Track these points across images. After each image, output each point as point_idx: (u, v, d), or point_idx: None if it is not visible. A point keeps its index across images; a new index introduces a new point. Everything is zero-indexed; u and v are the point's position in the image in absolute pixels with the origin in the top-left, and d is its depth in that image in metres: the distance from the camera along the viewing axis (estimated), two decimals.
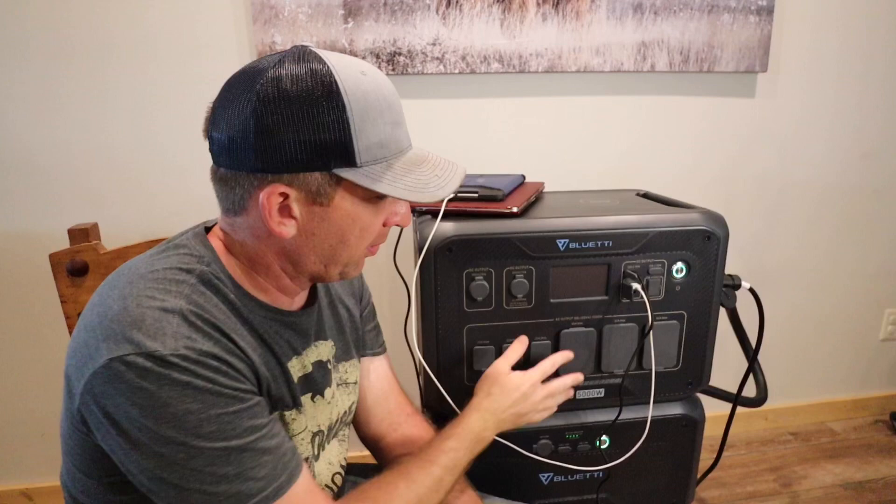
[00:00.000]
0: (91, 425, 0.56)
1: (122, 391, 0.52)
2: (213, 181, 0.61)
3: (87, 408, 0.55)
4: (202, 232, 0.65)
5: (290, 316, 0.68)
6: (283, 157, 0.56)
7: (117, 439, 0.54)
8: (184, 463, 0.54)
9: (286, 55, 0.57)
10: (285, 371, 0.66)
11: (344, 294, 0.83)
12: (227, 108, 0.57)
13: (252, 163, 0.56)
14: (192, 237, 0.64)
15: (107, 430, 0.54)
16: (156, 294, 0.55)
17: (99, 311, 0.56)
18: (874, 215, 1.67)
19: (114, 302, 0.55)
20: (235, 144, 0.56)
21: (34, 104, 1.24)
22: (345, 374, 0.79)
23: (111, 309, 0.55)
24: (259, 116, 0.55)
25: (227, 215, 0.63)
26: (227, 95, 0.58)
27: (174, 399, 0.52)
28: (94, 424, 0.56)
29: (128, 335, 0.53)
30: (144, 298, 0.55)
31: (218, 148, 0.59)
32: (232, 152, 0.57)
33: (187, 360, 0.53)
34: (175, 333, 0.54)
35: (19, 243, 1.31)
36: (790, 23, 1.47)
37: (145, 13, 1.23)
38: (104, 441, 0.56)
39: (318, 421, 0.72)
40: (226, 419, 0.55)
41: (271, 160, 0.56)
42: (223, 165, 0.59)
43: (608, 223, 0.92)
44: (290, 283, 0.67)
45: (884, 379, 1.85)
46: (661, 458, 1.04)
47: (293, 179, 0.57)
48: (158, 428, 0.53)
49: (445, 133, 1.40)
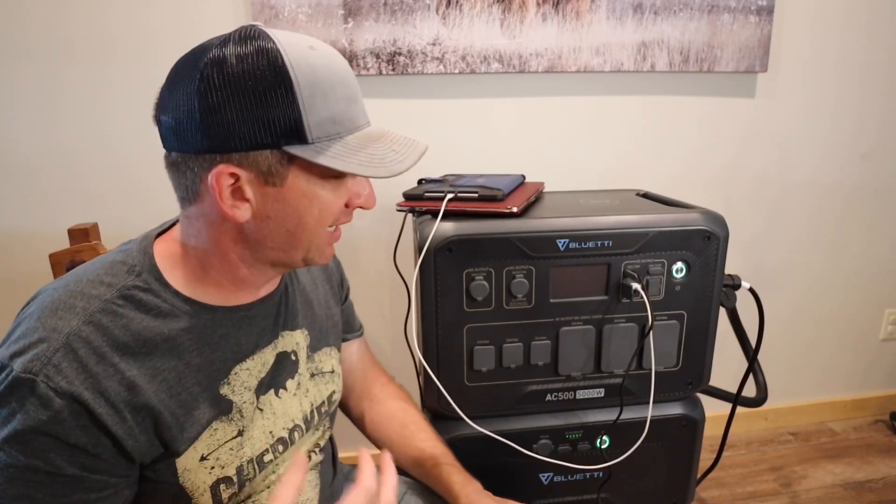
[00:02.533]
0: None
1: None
2: (166, 168, 0.59)
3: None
4: (151, 236, 0.64)
5: (241, 311, 0.65)
6: (230, 135, 0.54)
7: None
8: None
9: (232, 33, 0.56)
10: (225, 380, 0.63)
11: (320, 281, 0.81)
12: (173, 90, 0.56)
13: (199, 143, 0.54)
14: (137, 243, 0.63)
15: None
16: (59, 309, 0.55)
17: (29, 309, 0.57)
18: (874, 215, 1.67)
19: (37, 307, 0.56)
20: (182, 126, 0.55)
21: (34, 104, 1.24)
22: (320, 363, 0.77)
23: (31, 314, 0.56)
24: (203, 94, 0.53)
25: (182, 206, 0.61)
26: (173, 77, 0.57)
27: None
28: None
29: (15, 341, 0.54)
30: (49, 313, 0.55)
31: (165, 131, 0.57)
32: (179, 134, 0.55)
33: (32, 392, 0.51)
34: (44, 358, 0.52)
35: (19, 243, 1.31)
36: (790, 23, 1.47)
37: (145, 13, 1.23)
38: None
39: (290, 416, 0.70)
40: (13, 474, 0.52)
41: (217, 139, 0.54)
42: (172, 149, 0.57)
43: (608, 223, 0.92)
44: (249, 273, 0.63)
45: (884, 379, 1.85)
46: (661, 458, 1.04)
47: (243, 159, 0.55)
48: None
49: (445, 133, 1.40)
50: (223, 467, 0.62)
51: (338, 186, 0.61)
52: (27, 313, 0.57)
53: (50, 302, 0.56)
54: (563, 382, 0.99)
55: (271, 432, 0.68)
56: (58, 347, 0.53)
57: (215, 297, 0.63)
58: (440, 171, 1.36)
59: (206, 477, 0.61)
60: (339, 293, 0.86)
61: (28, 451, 0.52)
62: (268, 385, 0.68)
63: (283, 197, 0.57)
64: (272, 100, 0.53)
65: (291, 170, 0.56)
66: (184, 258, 0.62)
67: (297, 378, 0.72)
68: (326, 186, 0.59)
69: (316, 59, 0.56)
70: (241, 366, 0.65)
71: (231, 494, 0.64)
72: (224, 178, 0.55)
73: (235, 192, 0.56)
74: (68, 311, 0.55)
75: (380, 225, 1.41)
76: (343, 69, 0.59)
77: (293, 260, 0.63)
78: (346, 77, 0.59)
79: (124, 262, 0.60)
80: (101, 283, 0.58)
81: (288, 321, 0.72)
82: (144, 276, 0.59)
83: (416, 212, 0.98)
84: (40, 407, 0.51)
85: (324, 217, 0.61)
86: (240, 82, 0.53)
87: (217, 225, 0.59)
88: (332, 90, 0.56)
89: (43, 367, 0.52)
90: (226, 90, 0.53)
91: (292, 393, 0.71)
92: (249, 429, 0.65)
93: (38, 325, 0.54)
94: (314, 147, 0.56)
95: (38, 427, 0.51)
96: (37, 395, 0.51)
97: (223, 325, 0.63)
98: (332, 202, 0.61)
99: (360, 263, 1.43)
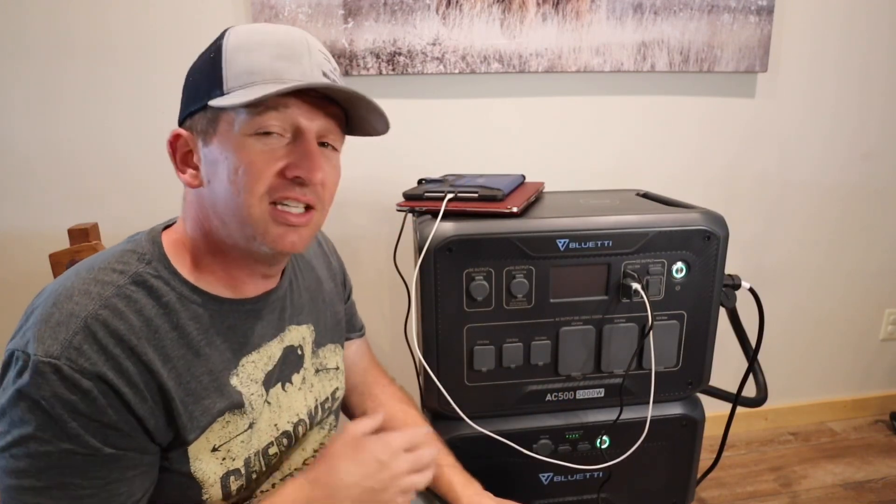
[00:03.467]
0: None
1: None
2: None
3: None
4: (158, 228, 0.65)
5: (247, 303, 0.66)
6: (185, 103, 0.61)
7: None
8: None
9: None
10: (234, 372, 0.64)
11: (324, 278, 0.82)
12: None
13: (179, 118, 0.63)
14: (146, 234, 0.64)
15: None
16: (74, 295, 0.55)
17: (40, 298, 0.58)
18: (874, 215, 1.67)
19: (49, 294, 0.57)
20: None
21: (34, 104, 1.24)
22: (324, 359, 0.77)
23: (45, 300, 0.56)
24: (186, 78, 0.62)
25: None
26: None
27: (12, 411, 0.52)
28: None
29: (30, 328, 0.54)
30: (64, 298, 0.55)
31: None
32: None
33: (58, 375, 0.51)
34: (64, 341, 0.52)
35: (19, 243, 1.31)
36: (790, 23, 1.47)
37: (145, 13, 1.23)
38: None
39: (295, 410, 0.71)
40: (49, 462, 0.52)
41: (182, 109, 0.62)
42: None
43: (608, 223, 0.92)
44: (234, 261, 0.63)
45: (884, 379, 1.85)
46: (661, 458, 1.04)
47: (190, 124, 0.61)
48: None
49: (445, 133, 1.40)
50: (234, 459, 0.63)
51: (265, 146, 0.58)
52: (39, 302, 0.57)
53: (64, 289, 0.56)
54: (563, 382, 0.99)
55: (276, 425, 0.68)
56: (77, 330, 0.53)
57: (219, 288, 0.64)
58: (440, 171, 1.36)
59: (218, 468, 0.62)
60: (342, 292, 0.86)
61: (63, 435, 0.52)
62: (276, 378, 0.69)
63: (215, 157, 0.59)
64: (206, 65, 0.59)
65: (219, 126, 0.59)
66: (185, 247, 0.64)
67: (303, 373, 0.73)
68: (251, 144, 0.57)
69: (261, 27, 0.60)
70: (247, 358, 0.65)
71: (239, 487, 0.64)
72: (175, 142, 0.61)
73: (186, 159, 0.62)
74: (84, 295, 0.55)
75: (380, 225, 1.41)
76: (288, 36, 0.59)
77: (235, 237, 0.61)
78: (286, 41, 0.58)
79: (134, 250, 0.61)
80: (114, 271, 0.58)
81: (294, 316, 0.73)
82: (154, 263, 0.60)
83: (416, 212, 0.98)
84: (69, 389, 0.52)
85: (251, 178, 0.57)
86: (197, 60, 0.61)
87: (190, 200, 0.64)
88: (259, 46, 0.58)
89: (64, 350, 0.52)
90: (191, 72, 0.62)
91: (297, 387, 0.72)
92: (258, 421, 0.66)
93: (55, 311, 0.54)
94: (227, 97, 0.57)
95: (72, 409, 0.52)
96: (63, 378, 0.52)
97: (230, 317, 0.64)
98: (257, 161, 0.57)
99: (361, 263, 1.43)
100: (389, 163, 1.38)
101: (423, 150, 1.40)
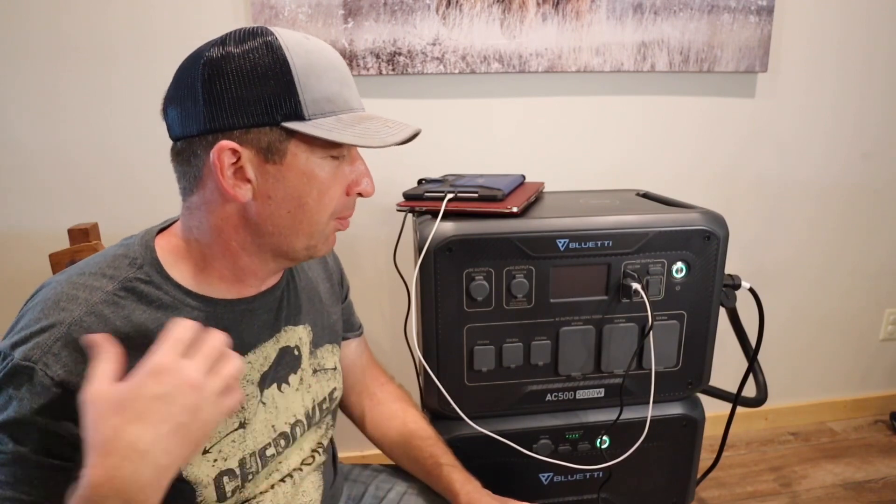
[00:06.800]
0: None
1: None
2: (172, 159, 0.62)
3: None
4: (152, 231, 0.65)
5: (242, 304, 0.65)
6: (232, 115, 0.56)
7: None
8: None
9: (233, 32, 0.59)
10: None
11: (320, 279, 0.81)
12: (179, 85, 0.59)
13: (203, 125, 0.57)
14: (139, 237, 0.64)
15: None
16: (61, 300, 0.56)
17: (33, 301, 0.58)
18: (874, 215, 1.67)
19: (40, 298, 0.57)
20: (187, 112, 0.58)
21: (34, 104, 1.24)
22: (322, 359, 0.77)
23: (35, 305, 0.57)
24: (206, 81, 0.56)
25: (185, 198, 0.62)
26: (178, 75, 0.60)
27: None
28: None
29: (18, 331, 0.54)
30: (52, 303, 0.55)
31: (171, 121, 0.60)
32: (184, 121, 0.58)
33: (29, 379, 0.52)
34: (44, 346, 0.53)
35: (19, 243, 1.31)
36: (790, 23, 1.47)
37: (145, 13, 1.23)
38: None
39: (292, 411, 0.71)
40: (2, 459, 0.52)
41: (220, 120, 0.56)
42: (178, 138, 0.60)
43: (608, 223, 0.92)
44: (250, 262, 0.63)
45: (884, 379, 1.85)
46: (661, 457, 1.04)
47: (244, 137, 0.57)
48: None
49: (445, 133, 1.40)
50: (226, 459, 0.63)
51: (335, 168, 0.62)
52: (30, 305, 0.58)
53: (53, 294, 0.57)
54: (563, 382, 0.99)
55: (273, 426, 0.68)
56: (59, 337, 0.53)
57: (217, 290, 0.64)
58: (440, 171, 1.36)
59: (209, 469, 0.62)
60: (339, 292, 0.86)
61: (20, 438, 0.52)
62: (271, 379, 0.68)
63: (283, 175, 0.59)
64: (270, 80, 0.56)
65: (290, 147, 0.58)
66: (186, 252, 0.63)
67: (300, 373, 0.73)
68: (324, 166, 0.60)
69: (309, 44, 0.59)
70: (243, 359, 0.65)
71: (235, 488, 0.64)
72: (225, 154, 0.56)
73: (237, 173, 0.58)
74: (70, 301, 0.56)
75: (380, 225, 1.41)
76: (335, 56, 0.62)
77: (294, 247, 0.63)
78: (339, 63, 0.62)
79: (125, 255, 0.61)
80: (103, 276, 0.58)
81: (290, 316, 0.72)
82: (146, 268, 0.60)
83: (416, 212, 0.98)
84: (36, 395, 0.52)
85: (323, 199, 0.61)
86: (241, 66, 0.56)
87: (219, 211, 0.60)
88: (325, 72, 0.59)
89: (42, 356, 0.52)
90: (228, 76, 0.56)
91: (294, 388, 0.72)
92: (252, 422, 0.66)
93: (41, 316, 0.55)
94: (311, 123, 0.58)
95: (34, 413, 0.52)
96: (34, 383, 0.52)
97: (225, 318, 0.64)
98: (331, 184, 0.61)
99: (360, 263, 1.43)
100: (389, 163, 1.38)
101: (423, 150, 1.39)
